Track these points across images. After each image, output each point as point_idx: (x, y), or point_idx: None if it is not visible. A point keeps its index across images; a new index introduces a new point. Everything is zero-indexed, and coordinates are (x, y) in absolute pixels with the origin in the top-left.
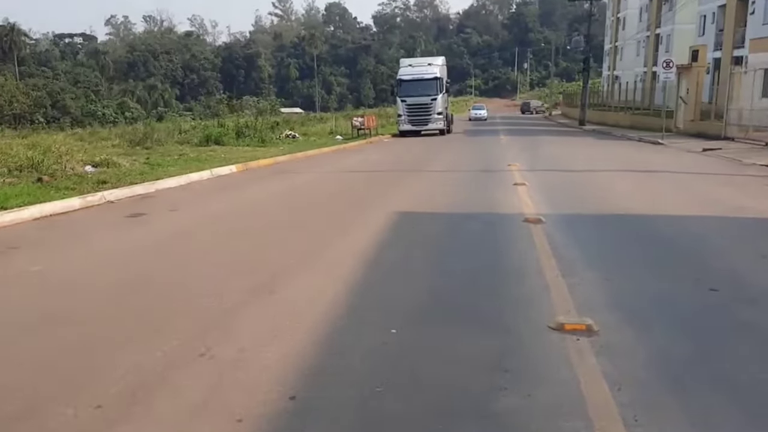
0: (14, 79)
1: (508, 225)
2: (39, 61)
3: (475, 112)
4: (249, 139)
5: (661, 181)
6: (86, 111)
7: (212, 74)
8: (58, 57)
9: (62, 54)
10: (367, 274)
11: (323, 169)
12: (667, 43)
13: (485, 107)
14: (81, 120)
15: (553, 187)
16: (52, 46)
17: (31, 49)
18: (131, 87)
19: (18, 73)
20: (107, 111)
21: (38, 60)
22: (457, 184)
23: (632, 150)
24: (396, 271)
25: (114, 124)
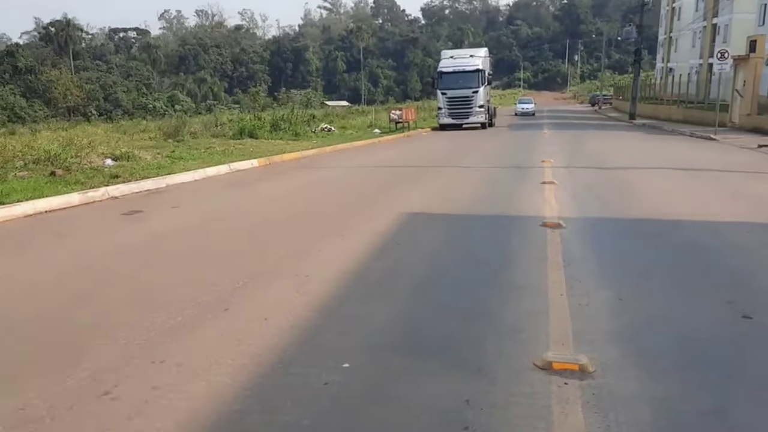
0: (69, 73)
1: (522, 230)
2: (94, 55)
3: (522, 106)
4: (283, 133)
5: (707, 181)
6: (137, 104)
7: (261, 67)
8: (113, 51)
9: (116, 48)
10: (343, 291)
11: (347, 164)
12: (724, 33)
13: (533, 101)
14: (132, 112)
15: (584, 186)
16: (107, 41)
17: (87, 43)
18: (181, 80)
19: (73, 67)
20: (158, 104)
21: (93, 54)
22: (482, 182)
23: (681, 146)
24: (378, 288)
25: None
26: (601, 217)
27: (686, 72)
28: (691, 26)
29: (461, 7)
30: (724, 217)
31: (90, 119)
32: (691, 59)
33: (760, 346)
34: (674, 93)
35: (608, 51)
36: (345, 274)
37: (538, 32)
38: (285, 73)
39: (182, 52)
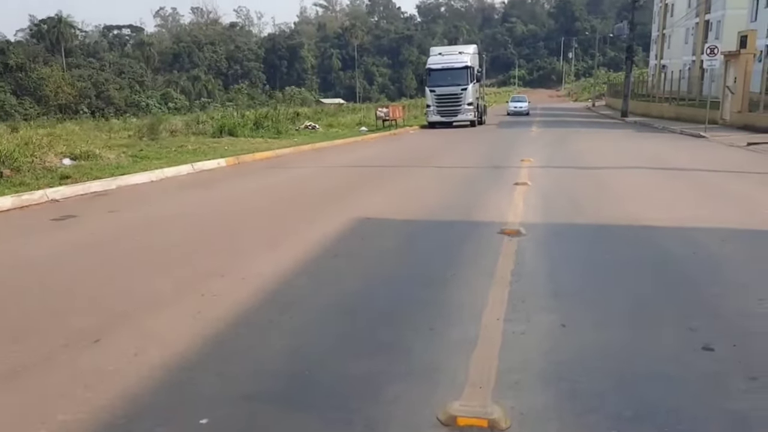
0: (61, 70)
1: (478, 238)
2: (88, 52)
3: (515, 105)
4: (265, 131)
5: (688, 182)
6: (130, 101)
7: (255, 65)
8: (107, 48)
9: (110, 45)
10: (246, 317)
11: (319, 164)
12: (717, 29)
13: (527, 99)
14: (125, 110)
15: (558, 187)
16: (101, 38)
17: (80, 41)
18: (175, 78)
19: (65, 65)
20: (151, 101)
21: (87, 51)
22: (453, 183)
23: (669, 144)
24: (286, 313)
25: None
26: (566, 223)
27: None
28: (683, 23)
29: (456, 4)
30: (700, 222)
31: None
32: (684, 56)
33: (716, 391)
34: (667, 90)
35: (603, 48)
36: (257, 295)
37: (533, 30)
38: (280, 71)
39: (176, 49)
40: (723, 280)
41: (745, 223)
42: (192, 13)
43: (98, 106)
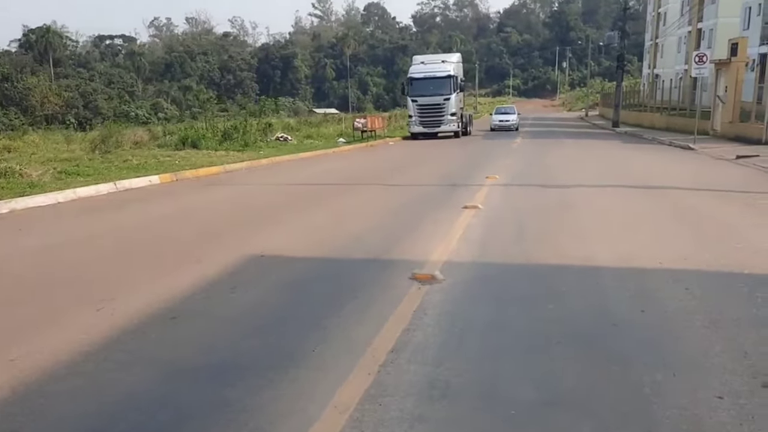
0: (48, 80)
1: (378, 288)
2: (79, 62)
3: (500, 118)
4: (232, 143)
5: (663, 204)
6: (119, 111)
7: (248, 75)
8: (98, 58)
9: (102, 55)
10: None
11: (266, 181)
12: (709, 38)
13: (516, 110)
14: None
15: (513, 212)
16: (93, 48)
17: (71, 50)
18: (166, 88)
19: (53, 75)
20: (140, 111)
21: (78, 61)
22: (394, 206)
23: (655, 156)
24: (67, 406)
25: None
26: (500, 264)
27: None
28: (676, 31)
29: (452, 14)
30: (665, 261)
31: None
32: (677, 65)
33: None
34: (660, 100)
35: (598, 58)
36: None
37: (528, 39)
38: (273, 81)
39: (168, 59)
40: (671, 359)
41: (718, 263)
42: (187, 23)
43: (85, 116)
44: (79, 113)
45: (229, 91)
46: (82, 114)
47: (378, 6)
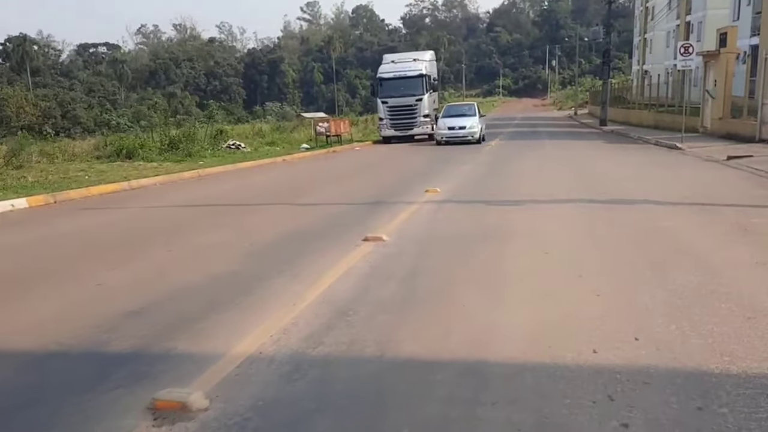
0: (25, 90)
1: None
2: (61, 71)
3: (450, 123)
4: (174, 153)
5: (638, 227)
6: (100, 120)
7: (235, 80)
8: (81, 67)
9: (85, 64)
10: None
11: (161, 201)
12: (698, 31)
13: (477, 111)
14: (93, 130)
15: (420, 248)
16: (76, 56)
17: (53, 59)
18: (149, 95)
19: (31, 84)
20: (121, 120)
21: (60, 70)
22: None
23: (637, 159)
24: None
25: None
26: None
27: (662, 74)
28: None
29: (441, 15)
30: (605, 346)
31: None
32: (666, 60)
33: None
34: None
35: (588, 56)
36: None
37: (518, 39)
38: (261, 86)
39: (153, 66)
40: None
41: (686, 355)
42: (174, 30)
43: (64, 126)
44: (57, 123)
45: (215, 97)
46: (60, 124)
47: (366, 8)
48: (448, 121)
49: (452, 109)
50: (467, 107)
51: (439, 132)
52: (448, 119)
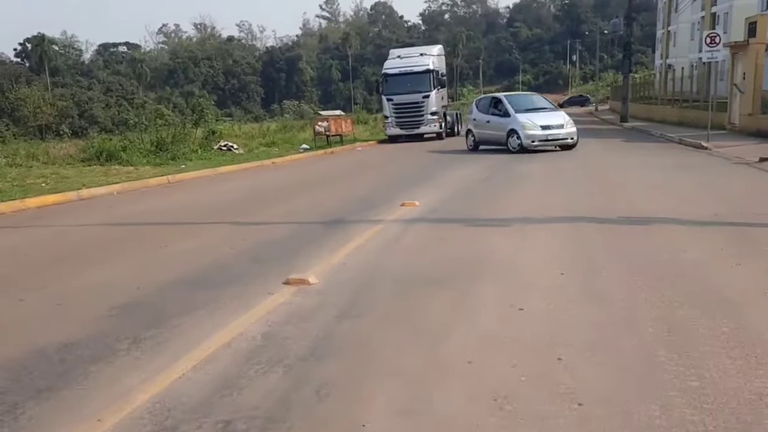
0: (44, 90)
1: None
2: (82, 71)
3: (538, 121)
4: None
5: (650, 261)
6: (117, 120)
7: (253, 78)
8: (102, 66)
9: (105, 63)
10: None
11: (88, 219)
12: (724, 22)
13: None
14: (111, 129)
15: (356, 297)
16: (97, 56)
17: (74, 59)
18: (167, 94)
19: (50, 84)
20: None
21: (81, 70)
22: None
23: (658, 161)
24: None
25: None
26: None
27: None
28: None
29: (460, 11)
30: None
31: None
32: (690, 53)
33: None
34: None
35: (611, 50)
36: None
37: (539, 34)
38: (279, 84)
39: (172, 65)
40: None
41: None
42: (195, 29)
43: (81, 125)
44: (74, 122)
45: (233, 96)
46: (78, 123)
47: (385, 5)
48: (534, 117)
49: (517, 100)
50: (536, 98)
51: (528, 133)
52: (530, 115)
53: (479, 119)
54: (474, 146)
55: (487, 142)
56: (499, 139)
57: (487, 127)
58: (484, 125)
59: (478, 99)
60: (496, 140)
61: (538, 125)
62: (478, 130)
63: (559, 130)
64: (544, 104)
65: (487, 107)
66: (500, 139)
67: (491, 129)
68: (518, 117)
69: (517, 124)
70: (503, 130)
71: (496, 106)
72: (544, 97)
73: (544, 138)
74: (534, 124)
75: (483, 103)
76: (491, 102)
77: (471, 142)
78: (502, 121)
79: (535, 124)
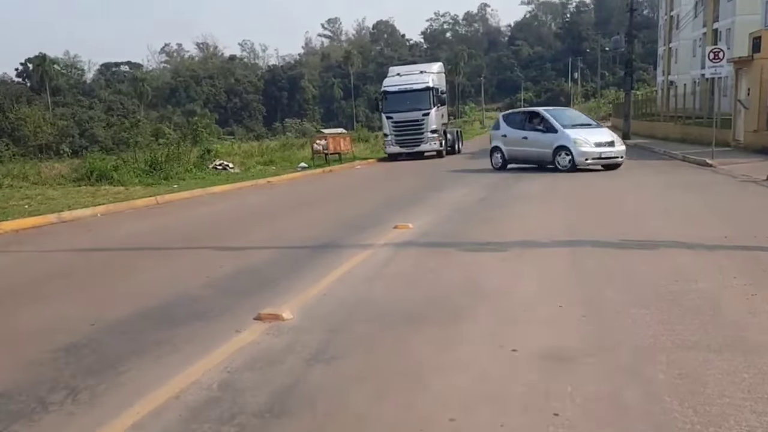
0: (44, 109)
1: None
2: (83, 90)
3: (591, 138)
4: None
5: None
6: (118, 139)
7: (255, 97)
8: (103, 85)
9: (107, 83)
10: None
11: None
12: (726, 38)
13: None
14: (111, 148)
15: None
16: (99, 76)
17: (76, 79)
18: (169, 113)
19: (50, 104)
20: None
21: (83, 89)
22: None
23: (661, 179)
24: None
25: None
26: None
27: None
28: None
29: (462, 29)
30: None
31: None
32: (692, 70)
33: None
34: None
35: (612, 68)
36: None
37: (540, 51)
38: (281, 103)
39: (173, 84)
40: None
41: None
42: (197, 49)
43: (81, 144)
44: (75, 142)
45: (235, 114)
46: (78, 142)
47: (387, 24)
48: (583, 133)
49: (559, 115)
50: (575, 113)
51: (582, 150)
52: (579, 131)
53: (511, 135)
54: (502, 165)
55: (523, 161)
56: (542, 157)
57: (523, 144)
58: (518, 142)
59: (506, 114)
60: (536, 158)
61: (592, 142)
62: (510, 147)
63: (611, 148)
64: (586, 119)
65: (522, 122)
66: (543, 157)
67: (530, 146)
68: (568, 133)
69: (567, 141)
70: (548, 147)
71: (534, 120)
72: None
73: (597, 156)
74: (587, 141)
75: (515, 118)
76: (527, 116)
77: (498, 160)
78: (546, 137)
79: (588, 141)
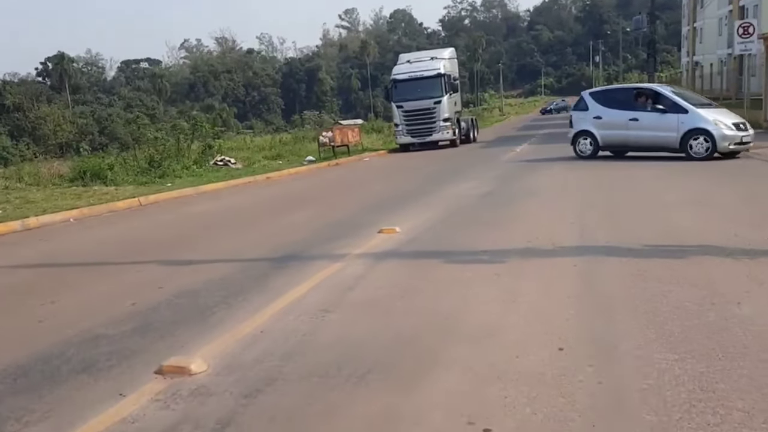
0: (64, 108)
1: None
2: (104, 88)
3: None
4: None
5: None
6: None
7: (273, 90)
8: (123, 83)
9: (127, 80)
10: None
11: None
12: (754, 14)
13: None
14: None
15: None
16: (119, 73)
17: (96, 77)
18: (187, 108)
19: (70, 102)
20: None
21: (103, 87)
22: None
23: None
24: None
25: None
26: None
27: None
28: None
29: (480, 16)
30: None
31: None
32: (719, 49)
33: None
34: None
35: (635, 50)
36: None
37: (560, 36)
38: (299, 95)
39: (192, 79)
40: None
41: None
42: (216, 43)
43: (101, 142)
44: (95, 139)
45: (254, 108)
46: (98, 140)
47: (404, 13)
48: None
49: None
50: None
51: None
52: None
53: (609, 117)
54: (593, 152)
55: (632, 147)
56: (661, 142)
57: (632, 128)
58: (622, 125)
59: (595, 92)
60: (650, 143)
61: (730, 123)
62: (608, 131)
63: (747, 131)
64: (702, 98)
65: (626, 102)
66: (663, 141)
67: (642, 129)
68: (702, 113)
69: (705, 122)
70: (672, 130)
71: (642, 99)
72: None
73: (739, 141)
74: (726, 123)
75: (613, 96)
76: (633, 94)
77: (587, 147)
78: (668, 119)
79: (727, 123)
